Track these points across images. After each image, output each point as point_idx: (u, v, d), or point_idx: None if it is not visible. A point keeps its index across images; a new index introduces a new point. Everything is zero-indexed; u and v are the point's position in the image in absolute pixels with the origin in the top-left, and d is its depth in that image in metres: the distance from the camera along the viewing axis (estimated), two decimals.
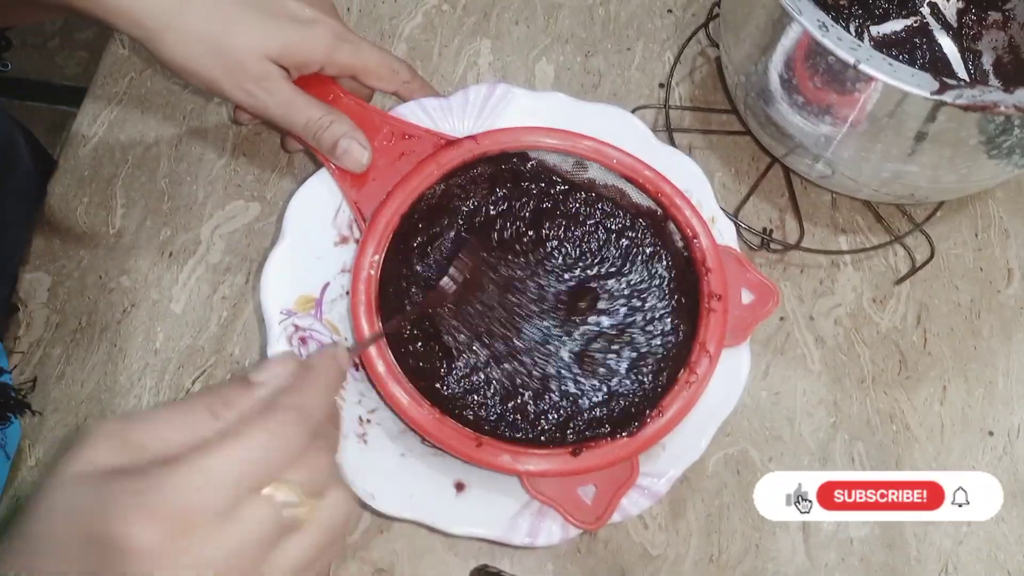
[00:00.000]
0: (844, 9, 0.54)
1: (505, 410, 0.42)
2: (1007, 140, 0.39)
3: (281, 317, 0.42)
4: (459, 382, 0.42)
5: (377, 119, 0.45)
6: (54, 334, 0.46)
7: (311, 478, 0.27)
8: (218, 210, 0.50)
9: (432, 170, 0.44)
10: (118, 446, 0.25)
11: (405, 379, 0.40)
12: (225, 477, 0.25)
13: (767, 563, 0.43)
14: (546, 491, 0.39)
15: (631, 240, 0.46)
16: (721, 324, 0.42)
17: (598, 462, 0.39)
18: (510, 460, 0.39)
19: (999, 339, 0.49)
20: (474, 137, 0.45)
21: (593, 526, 0.39)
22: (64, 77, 1.30)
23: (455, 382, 0.42)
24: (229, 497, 0.25)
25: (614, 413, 0.42)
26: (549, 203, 0.47)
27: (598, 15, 0.57)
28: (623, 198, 0.46)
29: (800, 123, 0.44)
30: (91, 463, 0.25)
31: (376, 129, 0.45)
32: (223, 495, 0.24)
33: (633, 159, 0.45)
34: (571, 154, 0.45)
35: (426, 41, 0.55)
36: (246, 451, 0.25)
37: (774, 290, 0.43)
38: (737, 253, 0.44)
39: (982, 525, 0.44)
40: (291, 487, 0.26)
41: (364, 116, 0.45)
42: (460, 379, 0.42)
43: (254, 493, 0.25)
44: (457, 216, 0.46)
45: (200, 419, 0.26)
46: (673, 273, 0.45)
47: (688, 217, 0.44)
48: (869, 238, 0.51)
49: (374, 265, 0.42)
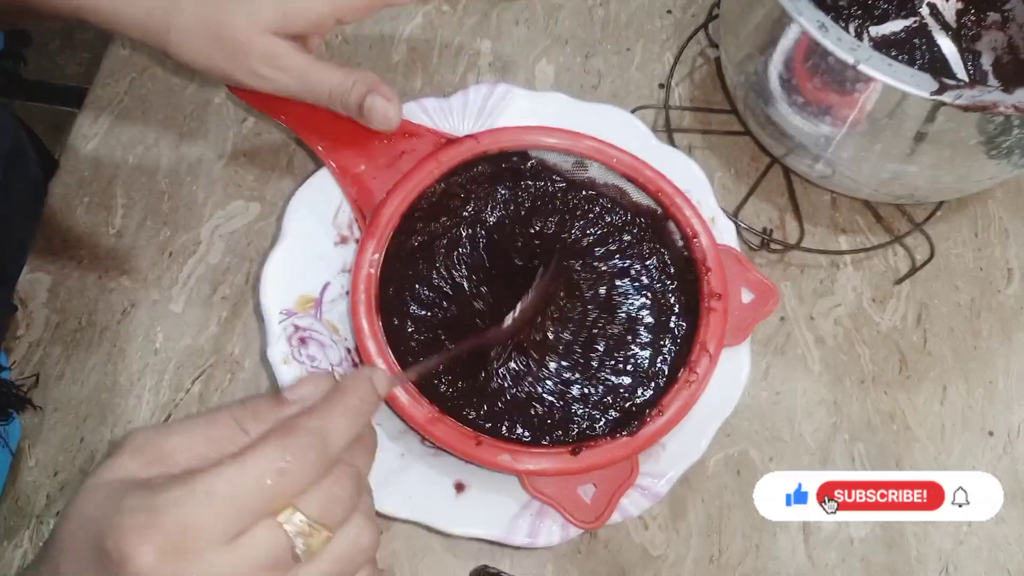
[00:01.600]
0: (843, 10, 0.54)
1: (505, 409, 0.42)
2: (1006, 140, 0.39)
3: (281, 317, 0.42)
4: (459, 381, 0.42)
5: None
6: (54, 334, 0.46)
7: (326, 507, 0.25)
8: (218, 210, 0.50)
9: (432, 168, 0.44)
10: (151, 457, 0.25)
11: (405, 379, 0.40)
12: (230, 499, 0.24)
13: (767, 563, 0.43)
14: (546, 490, 0.39)
15: (631, 239, 0.46)
16: (721, 323, 0.42)
17: (598, 461, 0.39)
18: (510, 459, 0.39)
19: (999, 339, 0.49)
20: (474, 136, 0.45)
21: (593, 525, 0.39)
22: (65, 77, 1.30)
23: (455, 381, 0.42)
24: (233, 520, 0.24)
25: (614, 412, 0.42)
26: (549, 202, 0.47)
27: (598, 16, 0.57)
28: (623, 197, 0.46)
29: (800, 123, 0.44)
30: (121, 471, 0.25)
31: None
32: (226, 518, 0.23)
33: (633, 158, 0.45)
34: (571, 153, 0.45)
35: (426, 41, 0.56)
36: (254, 473, 0.24)
37: (774, 290, 0.43)
38: (737, 253, 0.44)
39: (982, 525, 0.44)
40: (303, 514, 0.25)
41: None
42: (460, 378, 0.42)
43: (265, 517, 0.24)
44: (457, 215, 0.46)
45: (228, 434, 0.26)
46: (673, 272, 0.45)
47: (688, 216, 0.44)
48: (869, 238, 0.51)
49: (374, 264, 0.42)
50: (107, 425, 0.44)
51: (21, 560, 0.41)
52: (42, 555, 0.26)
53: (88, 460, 0.44)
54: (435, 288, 0.44)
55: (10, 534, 0.42)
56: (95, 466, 0.25)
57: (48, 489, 0.43)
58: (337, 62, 0.41)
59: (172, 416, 0.45)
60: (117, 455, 0.25)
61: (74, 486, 0.43)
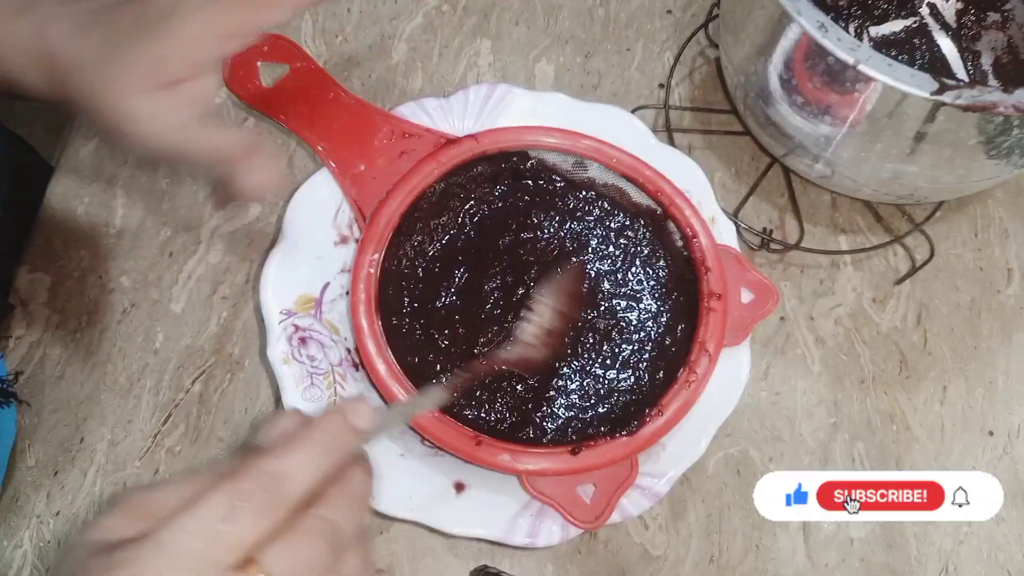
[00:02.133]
0: (843, 10, 0.54)
1: (504, 409, 0.42)
2: (1006, 140, 0.39)
3: (281, 317, 0.42)
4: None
5: (377, 118, 0.45)
6: (54, 334, 0.46)
7: (294, 566, 0.23)
8: (218, 210, 0.50)
9: (432, 169, 0.44)
10: (136, 514, 0.24)
11: (405, 378, 0.40)
12: (181, 550, 0.22)
13: (767, 563, 0.43)
14: (545, 490, 0.39)
15: (630, 239, 0.46)
16: (721, 323, 0.42)
17: (597, 461, 0.39)
18: (509, 459, 0.39)
19: (999, 339, 0.49)
20: (474, 136, 0.45)
21: (593, 526, 0.39)
22: None
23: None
24: (187, 572, 0.22)
25: (614, 412, 0.42)
26: (549, 201, 0.47)
27: (598, 16, 0.57)
28: (623, 197, 0.46)
29: (800, 123, 0.44)
30: (99, 529, 0.24)
31: (376, 128, 0.45)
32: (179, 570, 0.22)
33: (633, 158, 0.45)
34: (571, 153, 0.45)
35: (426, 42, 0.56)
36: (203, 519, 0.22)
37: (774, 290, 0.43)
38: (736, 253, 0.44)
39: (982, 525, 0.44)
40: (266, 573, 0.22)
41: (364, 115, 0.45)
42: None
43: (227, 573, 0.22)
44: (457, 215, 0.46)
45: (202, 488, 0.24)
46: (673, 272, 0.45)
47: (688, 216, 0.44)
48: (869, 238, 0.51)
49: (374, 264, 0.42)
50: (107, 425, 0.44)
51: (21, 560, 0.41)
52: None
53: (88, 461, 0.44)
54: (435, 287, 0.44)
55: (10, 534, 0.42)
56: (82, 523, 0.24)
57: (48, 489, 0.43)
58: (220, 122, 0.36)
59: (172, 416, 0.45)
60: (104, 513, 0.24)
61: (74, 487, 0.43)
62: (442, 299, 0.44)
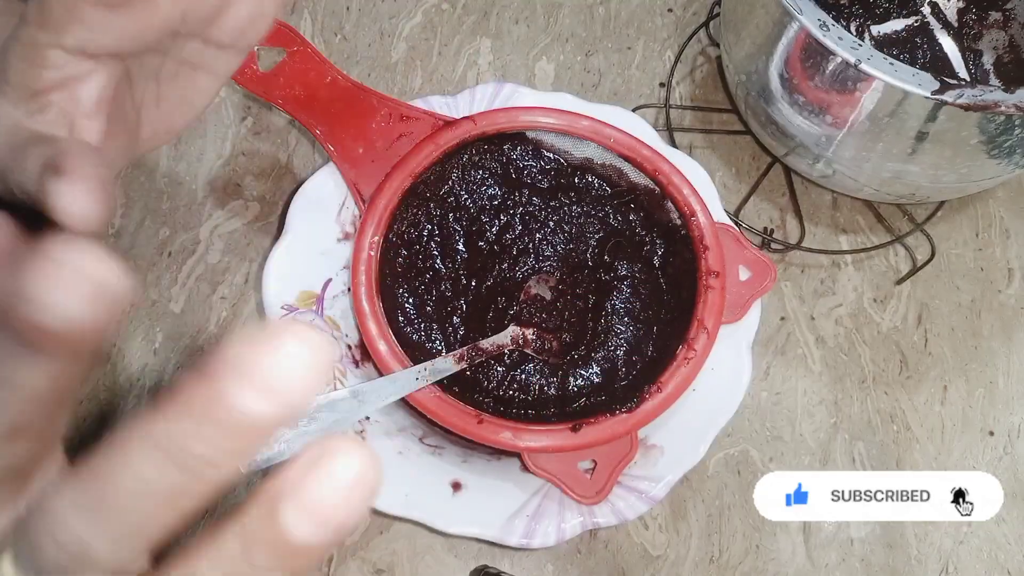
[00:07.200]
0: (845, 8, 0.54)
1: (506, 387, 0.42)
2: (1008, 140, 0.39)
3: (282, 312, 0.42)
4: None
5: (375, 101, 0.45)
6: None
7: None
8: (218, 210, 0.50)
9: (430, 150, 0.44)
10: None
11: (407, 358, 0.40)
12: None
13: (767, 563, 0.43)
14: (547, 467, 0.39)
15: (629, 218, 0.46)
16: (719, 301, 0.42)
17: (598, 437, 0.39)
18: (511, 436, 0.39)
19: (1000, 339, 0.49)
20: (472, 117, 0.45)
21: (593, 500, 0.39)
22: None
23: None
24: None
25: (613, 389, 0.42)
26: (547, 182, 0.47)
27: (598, 14, 0.57)
28: (621, 177, 0.46)
29: (801, 123, 0.44)
30: None
31: (374, 111, 0.45)
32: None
33: (630, 137, 0.45)
34: (568, 133, 0.45)
35: (426, 40, 0.55)
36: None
37: (771, 266, 0.43)
38: (735, 231, 0.44)
39: (982, 525, 0.44)
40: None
41: (361, 98, 0.45)
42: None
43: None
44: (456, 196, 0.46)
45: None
46: (671, 250, 0.45)
47: (686, 195, 0.44)
48: (870, 238, 0.51)
49: (374, 246, 0.42)
50: (107, 426, 0.44)
51: None
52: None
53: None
54: (435, 269, 0.45)
55: None
56: None
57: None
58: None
59: None
60: None
61: None
62: (443, 280, 0.44)
